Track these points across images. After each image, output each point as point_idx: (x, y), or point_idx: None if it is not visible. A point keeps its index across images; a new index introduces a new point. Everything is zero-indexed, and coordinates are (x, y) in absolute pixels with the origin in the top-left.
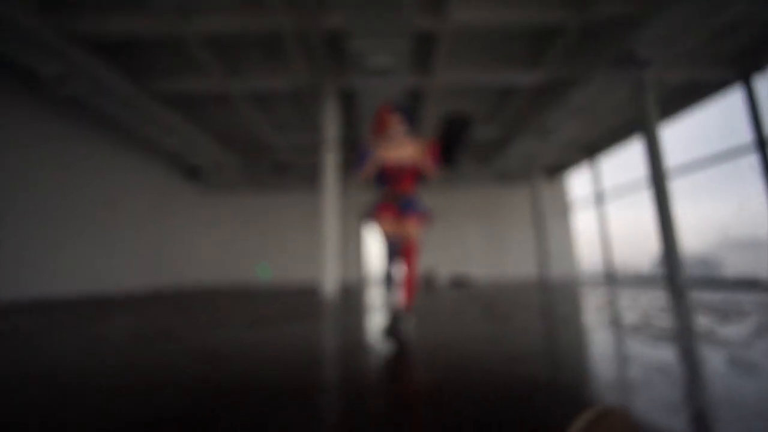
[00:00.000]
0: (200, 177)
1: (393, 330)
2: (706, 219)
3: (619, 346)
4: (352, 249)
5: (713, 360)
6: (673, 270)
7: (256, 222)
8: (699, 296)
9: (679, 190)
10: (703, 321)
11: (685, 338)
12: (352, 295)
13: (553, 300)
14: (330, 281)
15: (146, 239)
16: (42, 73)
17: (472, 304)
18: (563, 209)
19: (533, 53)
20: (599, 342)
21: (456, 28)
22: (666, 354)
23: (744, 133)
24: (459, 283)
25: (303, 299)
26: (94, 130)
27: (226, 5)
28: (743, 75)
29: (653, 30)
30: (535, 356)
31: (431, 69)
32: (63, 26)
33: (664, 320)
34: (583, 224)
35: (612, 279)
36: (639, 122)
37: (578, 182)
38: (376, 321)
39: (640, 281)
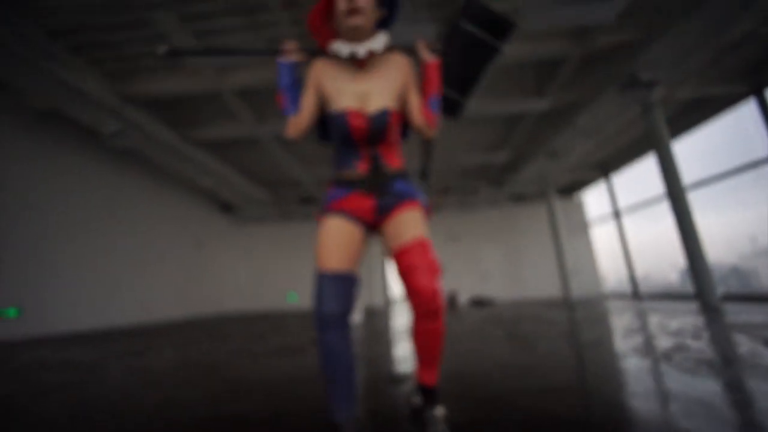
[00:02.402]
0: (234, 211)
1: None
2: (733, 227)
3: (655, 377)
4: (375, 274)
5: (763, 393)
6: (702, 285)
7: (285, 251)
8: (735, 312)
9: (701, 199)
10: (744, 343)
11: (727, 366)
12: (377, 319)
13: (578, 321)
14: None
15: (186, 269)
16: (103, 130)
17: (496, 327)
18: (582, 226)
19: (539, 81)
20: (632, 370)
21: None
22: (709, 386)
23: (760, 142)
24: (480, 302)
25: None
26: (141, 172)
27: (255, 62)
28: (755, 88)
29: (656, 53)
30: (565, 389)
31: None
32: (121, 90)
33: (701, 343)
34: (604, 240)
35: (638, 295)
36: (650, 140)
37: (596, 198)
38: (398, 350)
39: (668, 296)
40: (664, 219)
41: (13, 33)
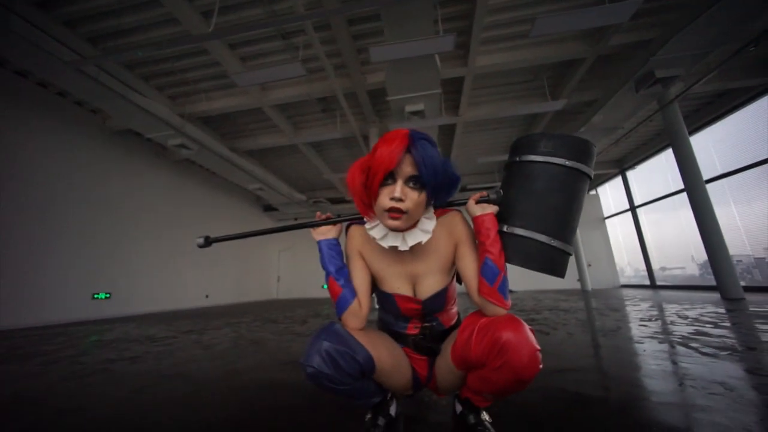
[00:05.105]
0: (276, 210)
1: None
2: (756, 219)
3: (672, 359)
4: None
5: None
6: (723, 275)
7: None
8: (759, 303)
9: (722, 191)
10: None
11: (750, 352)
12: None
13: (594, 309)
14: None
15: (236, 262)
16: (168, 144)
17: (515, 313)
18: (598, 220)
19: (554, 83)
20: (649, 354)
21: (480, 72)
22: (730, 370)
23: None
24: None
25: None
26: (198, 178)
27: (293, 79)
28: None
29: (674, 50)
30: (582, 369)
31: (459, 107)
32: (181, 110)
33: (722, 331)
34: (622, 233)
35: (655, 285)
36: (667, 135)
37: (613, 191)
38: None
39: (687, 287)
40: (684, 211)
41: (100, 67)
